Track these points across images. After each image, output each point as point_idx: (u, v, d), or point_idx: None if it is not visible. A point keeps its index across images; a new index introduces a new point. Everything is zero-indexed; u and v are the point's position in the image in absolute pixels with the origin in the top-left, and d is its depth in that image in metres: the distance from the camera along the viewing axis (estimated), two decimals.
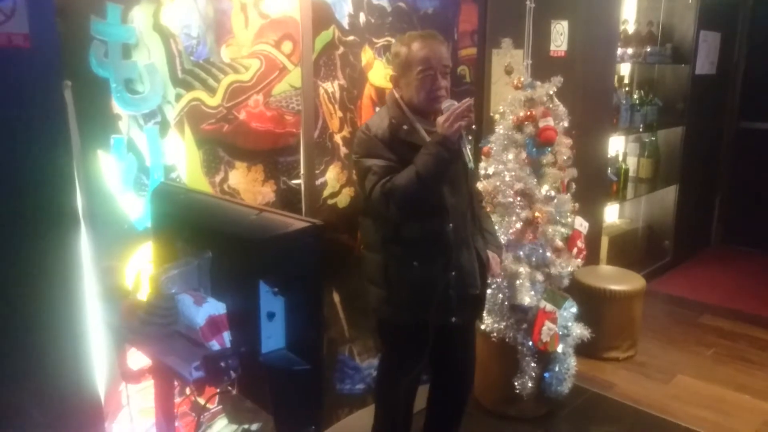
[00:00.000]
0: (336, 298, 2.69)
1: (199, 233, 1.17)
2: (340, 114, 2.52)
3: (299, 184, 2.41)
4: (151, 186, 1.95)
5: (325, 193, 2.54)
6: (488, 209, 2.65)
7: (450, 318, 2.16)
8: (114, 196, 1.84)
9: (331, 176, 2.54)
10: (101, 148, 1.79)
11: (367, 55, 2.56)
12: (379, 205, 2.02)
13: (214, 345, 1.09)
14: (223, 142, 2.19)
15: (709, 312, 4.06)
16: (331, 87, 2.48)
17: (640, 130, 4.41)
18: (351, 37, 2.51)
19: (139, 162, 1.94)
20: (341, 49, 2.48)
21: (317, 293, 1.10)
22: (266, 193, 2.35)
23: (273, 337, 1.07)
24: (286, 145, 2.36)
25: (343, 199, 2.55)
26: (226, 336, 1.10)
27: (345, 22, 2.48)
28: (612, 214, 4.87)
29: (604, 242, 4.38)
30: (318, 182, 2.50)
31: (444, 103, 2.01)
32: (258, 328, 1.05)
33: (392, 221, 2.06)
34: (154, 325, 1.15)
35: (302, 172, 2.40)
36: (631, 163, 4.75)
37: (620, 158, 4.38)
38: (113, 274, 1.32)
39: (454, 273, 2.11)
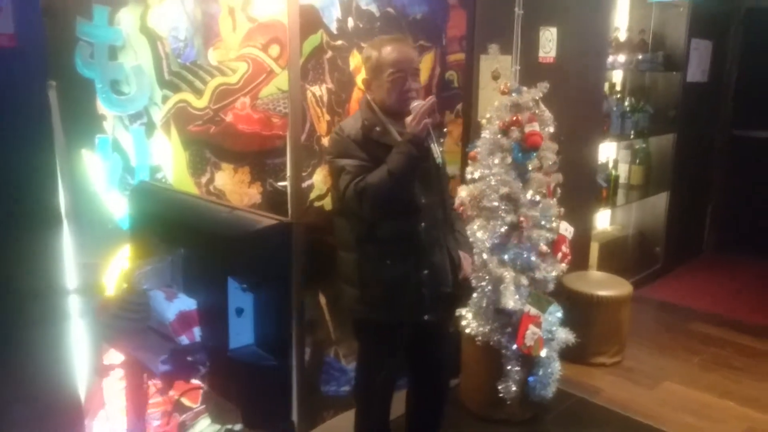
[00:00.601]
0: (322, 300, 2.71)
1: (173, 231, 1.19)
2: (327, 117, 2.55)
3: (286, 186, 2.43)
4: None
5: (312, 195, 2.56)
6: (474, 213, 2.67)
7: (423, 316, 2.20)
8: (99, 195, 1.87)
9: (318, 179, 2.56)
10: (86, 147, 1.82)
11: (355, 59, 2.59)
12: (352, 204, 2.06)
13: (184, 340, 1.11)
14: (210, 144, 2.22)
15: (698, 319, 4.07)
16: (319, 90, 2.51)
17: (631, 137, 4.44)
18: (339, 42, 2.53)
19: (124, 162, 1.96)
20: (329, 53, 2.51)
21: (287, 291, 1.12)
22: (253, 194, 2.38)
23: (242, 333, 1.09)
24: (272, 147, 2.39)
25: (330, 202, 2.57)
26: (197, 331, 1.12)
27: (333, 27, 2.50)
28: (603, 220, 4.89)
29: (595, 248, 4.40)
30: (305, 184, 2.52)
31: (413, 103, 2.07)
32: (226, 323, 1.06)
33: (366, 221, 2.11)
34: (126, 320, 1.17)
35: (289, 174, 2.43)
36: (623, 169, 4.77)
37: (610, 165, 4.40)
38: (92, 271, 1.34)
39: (426, 271, 2.15)
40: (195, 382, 1.20)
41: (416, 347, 2.30)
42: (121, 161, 1.94)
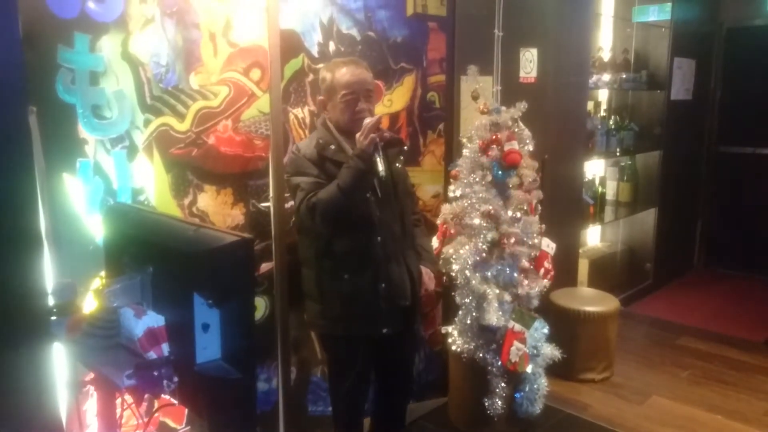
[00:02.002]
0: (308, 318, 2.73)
1: (143, 249, 1.22)
2: None
3: (269, 207, 2.47)
4: None
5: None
6: (456, 231, 2.70)
7: (381, 329, 2.27)
8: (80, 217, 1.90)
9: None
10: (67, 171, 1.86)
11: None
12: (306, 220, 2.16)
13: (152, 356, 1.13)
14: (192, 166, 2.26)
15: (688, 334, 4.08)
16: (301, 113, 2.56)
17: (617, 154, 4.49)
18: (321, 65, 2.59)
19: (106, 185, 2.00)
20: (311, 77, 2.57)
21: (248, 305, 1.15)
22: (236, 215, 2.41)
23: (209, 347, 1.12)
24: (255, 168, 2.43)
25: None
26: (165, 347, 1.14)
27: (315, 51, 2.57)
28: (593, 236, 4.93)
29: (585, 265, 4.42)
30: (288, 205, 2.56)
31: (365, 121, 2.15)
32: (193, 339, 1.09)
33: (323, 236, 2.20)
34: (96, 337, 1.19)
35: (271, 195, 2.47)
36: (611, 186, 4.82)
37: (597, 182, 4.45)
38: (69, 290, 1.36)
39: (383, 285, 2.23)
40: (167, 398, 1.22)
41: (378, 359, 2.39)
42: (102, 184, 1.98)
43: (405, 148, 2.49)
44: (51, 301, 1.35)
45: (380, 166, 2.15)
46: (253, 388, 1.15)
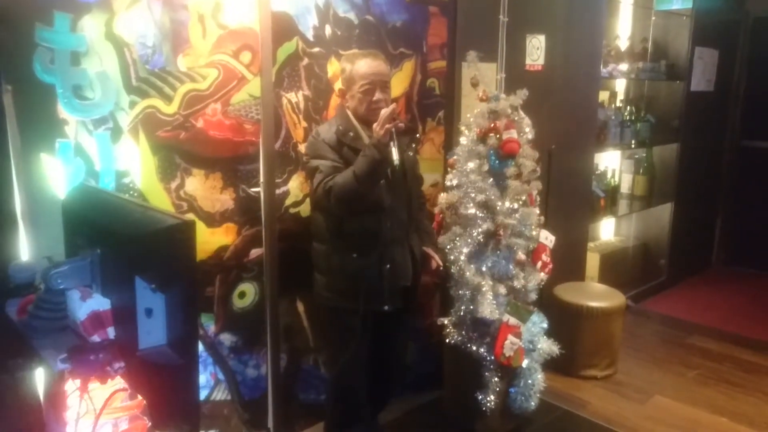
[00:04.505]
0: (300, 307, 2.70)
1: (93, 231, 1.19)
2: (304, 124, 2.55)
3: (259, 192, 2.44)
4: None
5: (288, 201, 2.56)
6: (452, 221, 2.65)
7: (383, 306, 2.37)
8: (59, 198, 1.89)
9: (294, 185, 2.57)
10: (45, 151, 1.85)
11: (333, 66, 2.59)
12: (322, 201, 2.27)
13: (96, 339, 1.11)
14: (180, 149, 2.24)
15: (699, 333, 3.96)
16: (295, 97, 2.52)
17: (632, 146, 4.37)
18: (316, 49, 2.54)
19: (87, 166, 1.98)
20: (306, 61, 2.52)
21: (191, 291, 1.11)
22: (225, 200, 2.39)
23: (153, 332, 1.09)
24: (245, 153, 2.40)
25: (307, 208, 2.57)
26: (111, 331, 1.12)
27: (310, 34, 2.52)
28: (606, 230, 4.81)
29: (596, 259, 4.33)
30: (280, 191, 2.53)
31: (381, 112, 2.21)
32: (135, 324, 1.06)
33: (336, 217, 2.30)
34: (41, 319, 1.18)
35: (262, 180, 2.43)
36: (626, 179, 4.70)
37: (609, 174, 4.33)
38: (27, 270, 1.35)
39: (388, 266, 2.34)
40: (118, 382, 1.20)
41: (376, 335, 2.46)
42: (84, 165, 1.96)
43: (417, 135, 2.62)
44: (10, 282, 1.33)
45: (395, 156, 2.27)
46: (195, 374, 1.12)
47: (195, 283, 1.18)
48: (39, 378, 1.79)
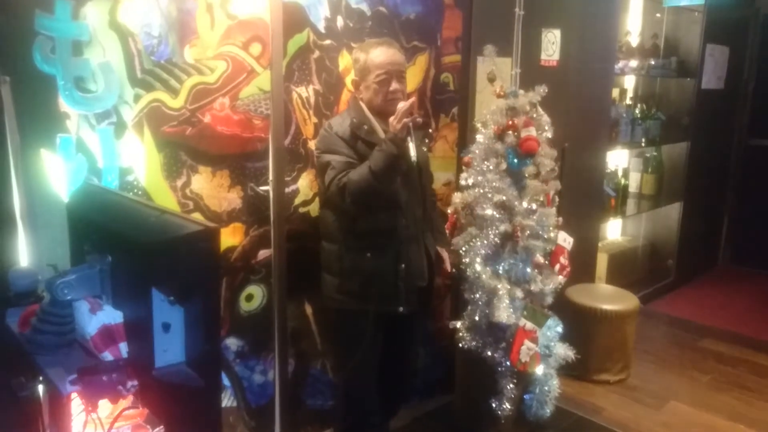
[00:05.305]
0: (308, 310, 2.60)
1: (104, 236, 1.09)
2: (315, 120, 2.45)
3: (268, 191, 2.33)
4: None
5: (297, 200, 2.46)
6: (467, 221, 2.55)
7: (398, 307, 2.27)
8: (59, 197, 1.78)
9: (304, 183, 2.46)
10: (45, 147, 1.73)
11: (345, 60, 2.49)
12: (335, 198, 2.16)
13: (107, 356, 1.01)
14: (186, 146, 2.13)
15: (711, 335, 3.89)
16: (305, 92, 2.41)
17: (642, 144, 4.28)
18: (327, 41, 2.43)
19: (90, 163, 1.87)
20: (317, 53, 2.41)
21: (213, 304, 1.01)
22: (232, 199, 2.28)
23: (170, 350, 0.98)
24: (254, 150, 2.29)
25: (317, 208, 2.47)
26: (123, 347, 1.02)
27: (321, 26, 2.41)
28: (614, 230, 4.73)
29: (604, 260, 4.24)
30: (289, 189, 2.42)
31: (398, 105, 2.11)
32: (151, 339, 0.96)
33: (349, 214, 2.19)
34: (46, 334, 1.07)
35: (271, 178, 2.33)
36: (635, 178, 4.61)
37: (619, 173, 4.24)
38: (28, 278, 1.25)
39: (403, 266, 2.24)
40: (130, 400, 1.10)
41: (389, 337, 2.36)
42: (86, 162, 1.85)
43: (430, 130, 2.52)
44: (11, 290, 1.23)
45: (412, 151, 2.17)
46: (218, 397, 1.01)
47: (218, 295, 1.08)
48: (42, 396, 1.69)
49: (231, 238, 2.30)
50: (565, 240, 2.63)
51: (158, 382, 0.99)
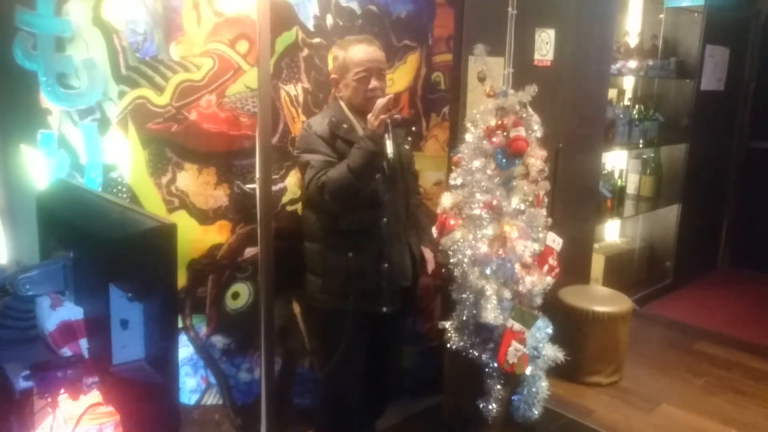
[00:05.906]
0: (296, 308, 2.60)
1: (68, 231, 1.09)
2: (303, 118, 2.44)
3: (255, 189, 2.33)
4: (86, 183, 1.89)
5: (285, 198, 2.46)
6: (455, 221, 2.53)
7: (381, 307, 2.26)
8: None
9: (292, 182, 2.46)
10: (26, 142, 1.73)
11: None
12: (315, 197, 2.15)
13: (67, 353, 1.01)
14: (172, 143, 2.13)
15: (706, 338, 3.86)
16: (294, 90, 2.41)
17: (640, 146, 4.25)
18: (317, 40, 2.43)
19: (72, 159, 1.87)
20: (306, 52, 2.41)
21: (171, 301, 1.01)
22: (219, 196, 2.28)
23: (129, 346, 0.98)
24: (241, 147, 2.29)
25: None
26: (83, 344, 1.02)
27: (310, 24, 2.41)
28: (611, 232, 4.71)
29: (601, 261, 4.23)
30: (277, 187, 2.42)
31: (378, 101, 2.10)
32: (109, 336, 0.95)
33: (330, 213, 2.19)
34: (6, 329, 1.07)
35: (258, 176, 2.32)
36: (633, 179, 4.59)
37: (616, 174, 4.22)
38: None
39: (386, 265, 2.23)
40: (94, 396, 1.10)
41: (373, 338, 2.36)
42: (68, 158, 1.85)
43: (413, 129, 2.48)
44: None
45: (389, 148, 2.15)
46: (175, 393, 1.01)
47: (175, 292, 1.07)
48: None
49: (218, 235, 2.30)
50: (554, 241, 2.61)
51: (117, 379, 0.99)
